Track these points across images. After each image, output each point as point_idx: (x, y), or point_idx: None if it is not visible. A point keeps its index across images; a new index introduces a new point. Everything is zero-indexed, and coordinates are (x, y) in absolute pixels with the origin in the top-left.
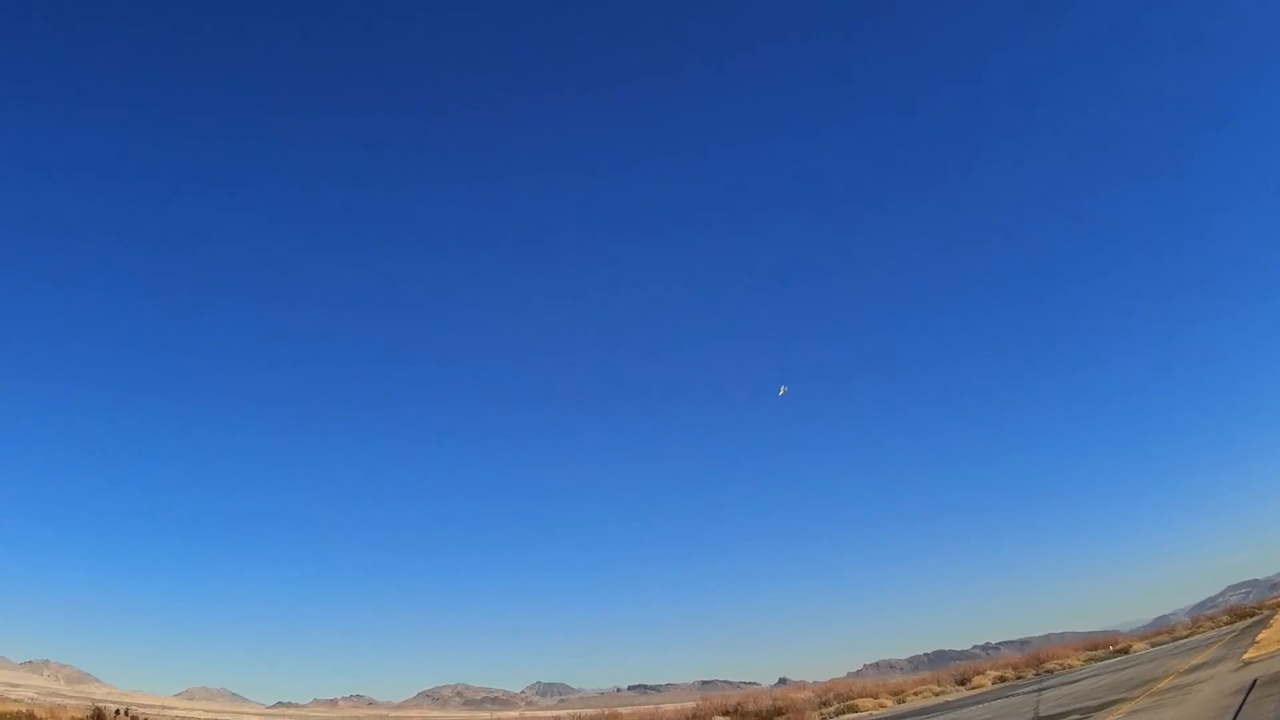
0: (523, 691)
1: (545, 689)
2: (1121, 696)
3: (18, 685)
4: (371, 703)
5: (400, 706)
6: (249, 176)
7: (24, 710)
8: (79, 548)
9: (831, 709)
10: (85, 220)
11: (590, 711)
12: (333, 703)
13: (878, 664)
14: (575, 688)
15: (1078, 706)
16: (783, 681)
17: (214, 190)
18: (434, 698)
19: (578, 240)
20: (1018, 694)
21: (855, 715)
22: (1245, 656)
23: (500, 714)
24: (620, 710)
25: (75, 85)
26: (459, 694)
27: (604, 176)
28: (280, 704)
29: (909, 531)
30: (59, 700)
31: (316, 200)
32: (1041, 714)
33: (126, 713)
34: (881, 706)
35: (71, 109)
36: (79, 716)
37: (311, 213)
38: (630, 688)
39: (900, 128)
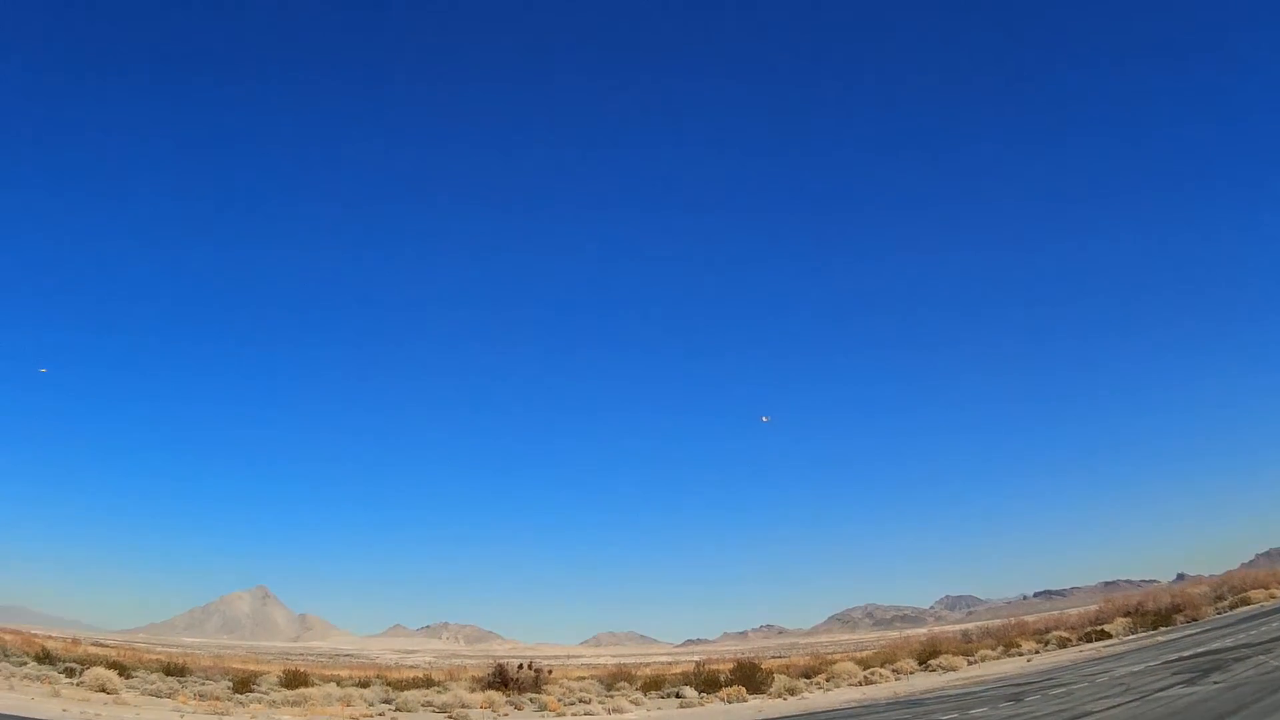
0: (931, 607)
1: (953, 602)
2: None
3: (414, 651)
4: (781, 631)
5: (810, 632)
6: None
7: (421, 675)
8: (471, 514)
9: (1226, 603)
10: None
11: (996, 622)
12: (743, 635)
13: (1268, 553)
14: (982, 598)
15: None
16: (1180, 577)
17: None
18: (844, 620)
19: None
20: None
21: (1247, 608)
22: None
23: (908, 632)
24: (1025, 618)
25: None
26: (869, 615)
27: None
28: (689, 641)
29: None
30: (458, 661)
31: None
32: None
33: (530, 665)
34: (1272, 597)
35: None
36: (479, 674)
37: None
38: (1036, 594)
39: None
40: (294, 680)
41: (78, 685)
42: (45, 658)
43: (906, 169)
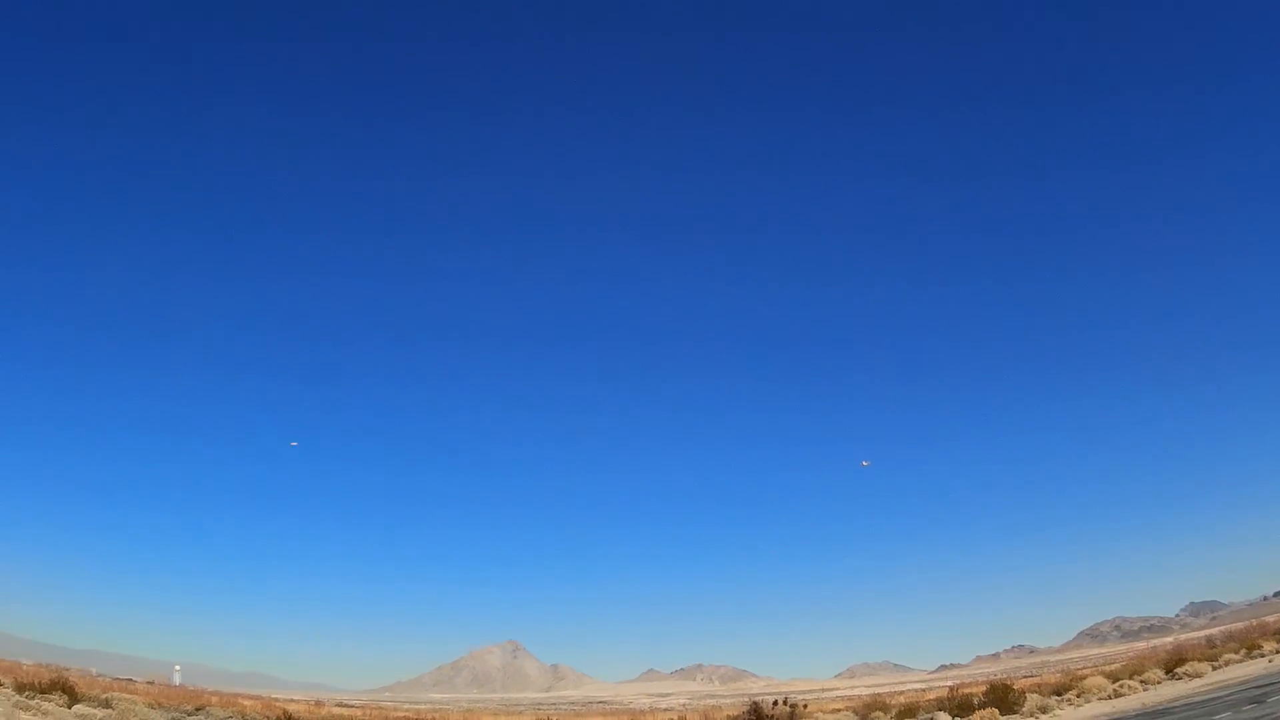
0: (1176, 615)
1: (1197, 609)
2: None
3: (668, 694)
4: (1032, 650)
5: (1060, 649)
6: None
7: (676, 717)
8: (720, 553)
9: None
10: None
11: (1239, 625)
12: (994, 656)
13: None
14: (1225, 603)
15: None
16: None
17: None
18: (1093, 635)
19: None
20: None
21: None
22: None
23: (1155, 641)
24: (1266, 619)
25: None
26: (1116, 628)
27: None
28: (942, 666)
29: None
30: (713, 702)
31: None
32: None
33: (785, 701)
34: None
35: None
36: (733, 713)
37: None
38: (1277, 594)
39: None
40: None
41: None
42: None
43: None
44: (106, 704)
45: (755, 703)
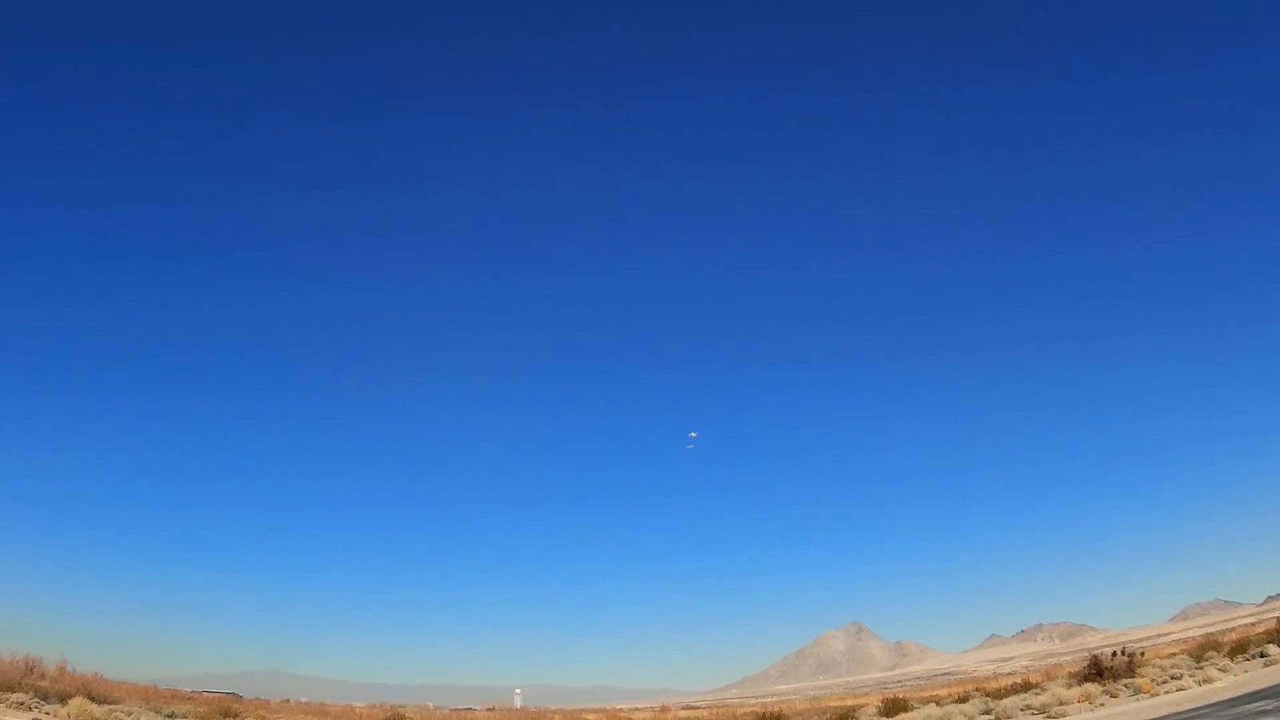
0: None
1: None
2: None
3: (1010, 658)
4: None
5: None
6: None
7: (1019, 680)
8: (1046, 507)
9: None
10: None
11: None
12: None
13: None
14: None
15: None
16: None
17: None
18: None
19: None
20: None
21: None
22: None
23: None
24: None
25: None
26: None
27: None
28: (1269, 599)
29: None
30: (1054, 660)
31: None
32: None
33: (1122, 651)
34: None
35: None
36: (1074, 669)
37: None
38: None
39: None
40: (892, 708)
41: None
42: None
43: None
44: None
45: (1095, 656)
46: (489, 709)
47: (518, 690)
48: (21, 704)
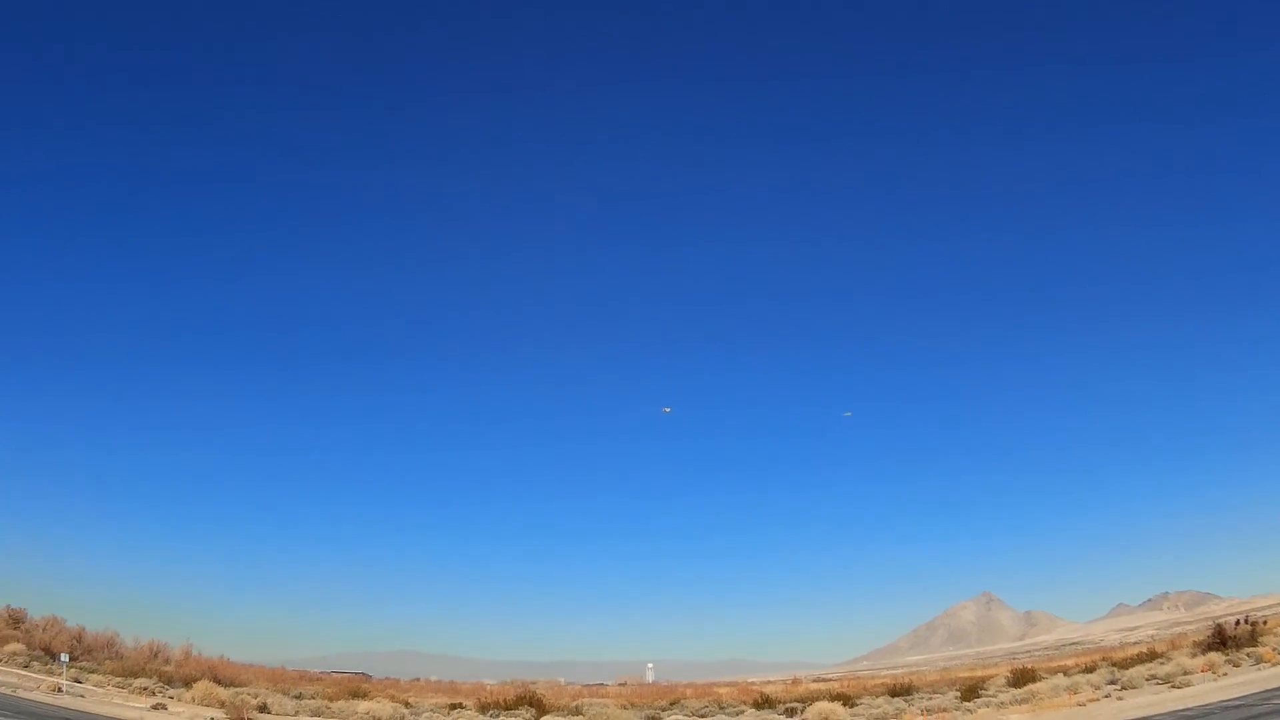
0: None
1: None
2: None
3: (1137, 627)
4: None
5: None
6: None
7: (1145, 650)
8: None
9: None
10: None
11: None
12: None
13: None
14: None
15: None
16: None
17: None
18: None
19: None
20: None
21: None
22: None
23: None
24: None
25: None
26: None
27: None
28: None
29: None
30: (1179, 630)
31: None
32: None
33: (1246, 620)
34: None
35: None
36: (1199, 639)
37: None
38: None
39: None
40: (1021, 678)
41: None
42: (764, 703)
43: None
44: (576, 711)
45: (1219, 626)
46: (621, 684)
47: (650, 665)
48: (145, 689)
